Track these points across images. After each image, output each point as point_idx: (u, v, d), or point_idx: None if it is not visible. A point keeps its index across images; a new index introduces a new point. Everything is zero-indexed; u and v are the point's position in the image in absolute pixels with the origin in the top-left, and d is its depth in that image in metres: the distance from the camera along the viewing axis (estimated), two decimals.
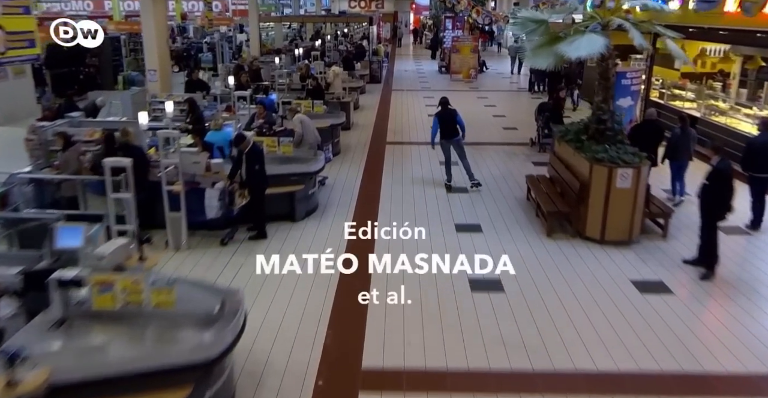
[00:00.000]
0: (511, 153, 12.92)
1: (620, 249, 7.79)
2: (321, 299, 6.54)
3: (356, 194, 10.00)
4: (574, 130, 8.91)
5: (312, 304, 6.44)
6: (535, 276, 7.06)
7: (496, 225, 8.65)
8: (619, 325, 6.02)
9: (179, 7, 35.92)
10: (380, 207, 9.34)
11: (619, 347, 5.65)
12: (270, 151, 8.95)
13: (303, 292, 6.67)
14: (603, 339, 5.77)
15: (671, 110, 14.25)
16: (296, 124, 9.71)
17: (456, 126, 10.21)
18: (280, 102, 12.58)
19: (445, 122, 10.20)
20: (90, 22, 10.76)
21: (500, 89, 22.78)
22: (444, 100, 10.44)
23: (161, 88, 12.92)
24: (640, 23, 8.28)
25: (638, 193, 7.75)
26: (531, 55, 8.27)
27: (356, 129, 15.26)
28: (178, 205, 7.52)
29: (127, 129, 8.14)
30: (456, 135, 10.26)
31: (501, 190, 10.35)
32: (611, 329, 5.95)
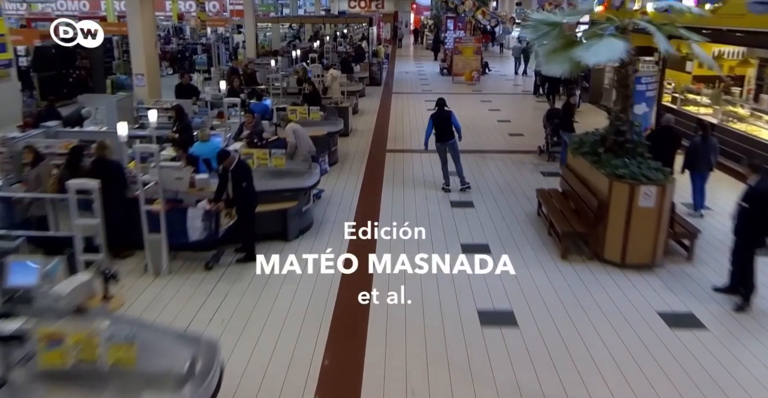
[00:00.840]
0: (518, 162, 12.24)
1: (643, 274, 7.11)
2: (312, 339, 5.83)
3: (354, 209, 9.32)
4: (589, 141, 8.23)
5: (302, 349, 5.72)
6: (552, 308, 6.38)
7: (505, 246, 7.97)
8: (648, 368, 5.33)
9: (176, 7, 35.21)
10: (379, 226, 8.63)
11: (650, 394, 4.98)
12: (261, 164, 8.29)
13: (293, 330, 5.97)
14: (632, 386, 5.09)
15: (685, 116, 13.57)
16: (289, 134, 9.04)
17: (452, 128, 9.94)
18: (274, 108, 11.90)
19: (440, 124, 9.95)
20: (90, 22, 10.52)
21: (504, 92, 22.11)
22: (440, 101, 10.21)
23: (149, 93, 12.25)
24: (661, 26, 7.59)
25: (663, 213, 7.07)
26: (545, 60, 7.59)
27: (355, 135, 14.58)
28: (158, 226, 6.85)
29: (104, 142, 7.46)
30: (452, 138, 9.97)
31: (509, 203, 9.67)
32: (640, 373, 5.26)
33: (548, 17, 7.95)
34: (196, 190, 7.43)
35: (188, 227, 6.88)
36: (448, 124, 9.98)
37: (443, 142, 10.03)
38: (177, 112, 9.81)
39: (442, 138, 10.04)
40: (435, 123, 10.04)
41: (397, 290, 6.68)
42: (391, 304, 6.39)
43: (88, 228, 5.80)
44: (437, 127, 10.02)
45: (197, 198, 7.28)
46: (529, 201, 9.65)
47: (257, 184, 7.50)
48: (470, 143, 13.72)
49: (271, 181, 8.03)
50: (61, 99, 18.56)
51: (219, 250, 7.33)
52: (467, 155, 12.60)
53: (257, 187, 7.44)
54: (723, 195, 10.13)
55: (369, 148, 13.40)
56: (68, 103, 18.99)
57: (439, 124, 10.02)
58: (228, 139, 9.33)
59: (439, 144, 10.07)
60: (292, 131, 9.02)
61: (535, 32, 7.87)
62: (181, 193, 7.33)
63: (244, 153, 8.20)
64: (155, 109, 9.44)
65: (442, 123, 10.00)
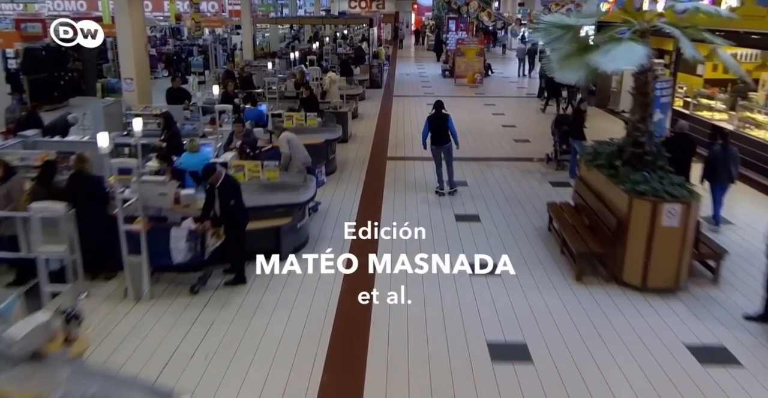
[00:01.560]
0: (525, 170, 11.67)
1: (666, 299, 6.54)
2: (306, 375, 5.26)
3: (353, 223, 8.75)
4: (605, 153, 7.67)
5: (294, 386, 5.15)
6: (568, 338, 5.81)
7: (514, 264, 7.35)
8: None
9: (173, 7, 34.65)
10: (380, 241, 8.07)
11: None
12: (253, 177, 7.73)
13: (284, 364, 5.40)
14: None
15: (698, 121, 13.01)
16: (283, 144, 8.48)
17: (448, 132, 9.78)
18: (269, 114, 11.35)
19: (436, 127, 9.80)
20: (90, 22, 10.36)
21: (508, 95, 21.53)
22: (438, 104, 10.00)
23: (139, 98, 11.69)
24: (683, 29, 7.03)
25: (688, 232, 6.51)
26: (558, 66, 7.01)
27: (354, 141, 14.02)
28: (138, 247, 6.29)
29: (83, 155, 6.91)
30: (447, 141, 9.84)
31: (517, 217, 9.10)
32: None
33: (561, 20, 7.39)
34: (182, 206, 6.87)
35: (171, 248, 6.32)
36: (445, 128, 9.79)
37: (438, 145, 9.86)
38: (165, 120, 9.25)
39: (437, 141, 9.86)
40: (431, 125, 9.85)
41: (398, 317, 6.17)
42: (392, 336, 5.87)
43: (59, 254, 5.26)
44: (433, 130, 9.84)
45: (183, 215, 6.72)
46: (539, 215, 9.09)
47: (248, 199, 6.95)
48: (474, 150, 13.20)
49: (263, 196, 7.48)
50: (52, 102, 18.14)
51: (206, 272, 6.77)
52: (471, 163, 12.12)
53: (248, 202, 6.89)
54: (744, 207, 9.60)
55: (369, 155, 12.84)
56: (60, 106, 18.49)
57: (435, 126, 9.82)
58: (218, 149, 8.77)
59: (435, 147, 9.91)
60: (286, 141, 8.46)
61: (547, 36, 7.31)
62: (165, 210, 6.78)
63: (234, 165, 7.66)
64: (140, 117, 8.88)
65: (438, 126, 9.80)
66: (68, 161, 7.40)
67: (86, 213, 6.60)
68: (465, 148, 13.28)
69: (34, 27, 17.45)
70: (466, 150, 13.17)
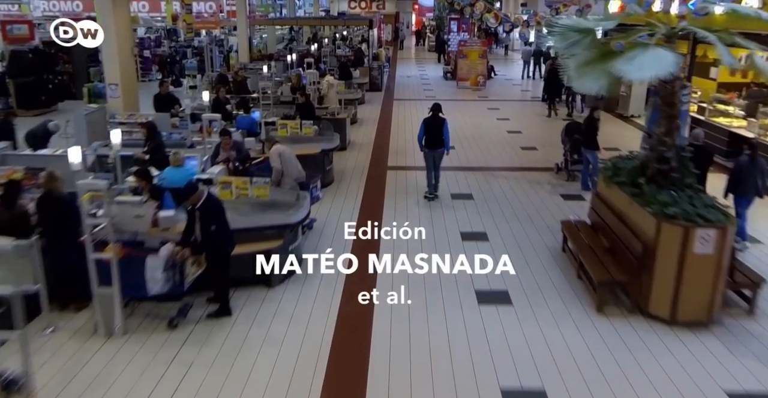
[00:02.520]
0: (533, 181, 11.00)
1: (698, 334, 5.88)
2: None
3: (350, 243, 8.07)
4: (626, 168, 7.01)
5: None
6: (591, 381, 5.15)
7: (528, 293, 6.73)
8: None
9: (170, 8, 33.98)
10: (378, 266, 7.39)
11: None
12: (240, 195, 7.06)
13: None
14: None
15: (715, 128, 12.35)
16: (274, 158, 7.81)
17: (442, 137, 9.58)
18: (262, 122, 10.68)
19: (431, 130, 9.58)
20: (90, 22, 10.03)
21: (512, 98, 20.86)
22: (436, 107, 9.76)
23: (124, 105, 11.01)
24: (714, 32, 6.36)
25: (722, 260, 5.85)
26: (576, 74, 6.34)
27: (353, 149, 13.35)
28: (109, 278, 5.63)
29: (53, 173, 6.23)
30: (441, 146, 9.65)
31: (527, 234, 8.44)
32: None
33: (578, 23, 6.73)
34: (160, 230, 6.21)
35: (147, 279, 5.66)
36: (440, 132, 9.55)
37: (432, 149, 9.64)
38: (148, 130, 8.58)
39: (431, 145, 9.64)
40: (427, 129, 9.60)
41: (400, 352, 5.53)
42: (393, 371, 5.22)
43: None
44: (428, 134, 9.61)
45: (161, 240, 6.06)
46: (551, 233, 8.43)
47: (234, 220, 6.29)
48: (478, 158, 12.56)
49: (251, 217, 6.82)
50: (39, 107, 17.48)
51: (186, 303, 6.11)
52: (476, 172, 11.48)
53: (234, 223, 6.22)
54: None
55: (368, 164, 12.16)
56: (48, 111, 17.84)
57: (430, 130, 9.59)
58: (205, 162, 8.11)
59: (428, 150, 9.69)
60: (277, 154, 7.79)
61: (563, 41, 6.64)
62: (142, 234, 6.12)
63: (220, 181, 6.99)
64: (125, 124, 8.25)
65: (433, 130, 9.57)
66: (37, 178, 6.75)
67: (56, 238, 5.98)
68: (469, 156, 12.67)
69: (20, 29, 16.85)
70: (470, 158, 12.55)
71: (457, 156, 12.68)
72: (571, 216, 8.64)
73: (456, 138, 14.12)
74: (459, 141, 13.92)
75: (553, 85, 17.18)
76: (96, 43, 9.98)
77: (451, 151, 12.74)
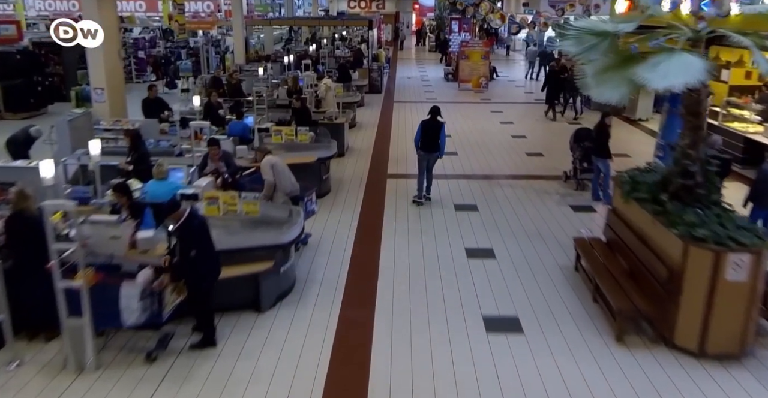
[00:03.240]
0: (540, 190, 10.46)
1: (729, 368, 5.35)
2: None
3: (347, 261, 7.55)
4: (646, 183, 6.47)
5: None
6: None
7: (540, 319, 6.19)
8: None
9: (167, 7, 33.44)
10: (379, 287, 6.88)
11: None
12: (228, 211, 6.52)
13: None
14: None
15: (729, 134, 11.80)
16: (266, 170, 7.26)
17: (438, 140, 9.37)
18: (255, 128, 10.13)
19: (428, 133, 9.37)
20: (90, 22, 9.82)
21: (515, 101, 20.32)
22: (434, 110, 9.57)
23: (111, 110, 10.48)
24: (747, 36, 5.81)
25: (756, 287, 5.31)
26: (594, 82, 5.81)
27: (351, 155, 12.81)
28: (79, 308, 5.08)
29: (24, 192, 5.66)
30: (437, 150, 9.44)
31: (537, 251, 7.90)
32: None
33: (595, 25, 6.18)
34: (138, 252, 5.68)
35: (121, 308, 5.12)
36: (436, 136, 9.34)
37: (427, 152, 9.44)
38: (132, 138, 8.04)
39: (427, 148, 9.43)
40: (424, 131, 9.40)
41: (402, 391, 5.00)
42: None
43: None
44: (424, 136, 9.39)
45: (140, 263, 5.53)
46: (562, 249, 7.90)
47: (221, 240, 5.75)
48: (482, 165, 12.03)
49: (239, 236, 6.29)
50: (28, 110, 16.92)
51: (167, 332, 5.55)
52: (480, 181, 10.96)
53: (220, 243, 5.68)
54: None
55: (367, 171, 11.62)
56: (37, 114, 17.27)
57: (427, 133, 9.38)
58: (192, 173, 7.56)
59: (423, 153, 9.48)
60: (269, 166, 7.24)
61: (579, 45, 6.10)
62: (118, 257, 5.58)
63: (206, 197, 6.45)
64: (105, 135, 7.71)
65: (430, 133, 9.36)
66: (7, 193, 6.20)
67: (26, 262, 5.44)
68: (472, 164, 12.14)
69: (8, 29, 16.29)
70: (473, 166, 12.02)
71: (461, 163, 12.16)
72: (582, 231, 8.14)
73: (459, 143, 13.63)
74: (462, 147, 13.40)
75: (552, 87, 16.79)
76: (96, 43, 9.68)
77: (454, 158, 12.36)
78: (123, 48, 24.40)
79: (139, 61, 24.21)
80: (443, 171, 11.43)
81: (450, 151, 12.71)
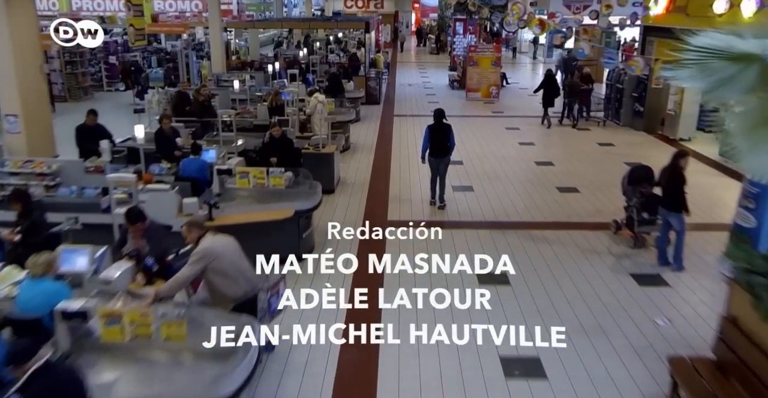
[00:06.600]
0: (586, 247, 8.09)
1: None
2: None
3: (330, 384, 5.17)
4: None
5: None
6: None
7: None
8: None
9: (149, 7, 30.99)
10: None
11: None
12: (139, 335, 4.11)
13: None
14: None
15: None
16: (196, 263, 4.74)
17: (448, 143, 9.25)
18: (215, 169, 7.70)
19: (436, 137, 9.20)
20: (90, 22, 9.30)
21: (531, 114, 17.77)
22: (439, 113, 9.31)
23: (29, 144, 8.08)
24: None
25: None
26: (746, 141, 3.40)
27: (343, 191, 10.42)
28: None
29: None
30: (447, 154, 9.32)
31: (605, 364, 5.50)
32: None
33: (729, 43, 3.74)
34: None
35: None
36: (445, 139, 9.21)
37: (437, 157, 9.29)
38: (20, 201, 5.62)
39: (436, 153, 9.27)
40: (432, 136, 9.20)
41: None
42: None
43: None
44: (432, 141, 9.22)
45: None
46: (638, 356, 5.54)
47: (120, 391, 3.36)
48: (507, 208, 9.70)
49: (154, 386, 3.88)
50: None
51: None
52: (507, 232, 8.62)
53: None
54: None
55: (362, 217, 9.23)
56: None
57: (435, 137, 9.19)
58: (98, 259, 5.10)
59: (432, 158, 9.34)
60: (206, 254, 4.76)
61: (704, 76, 3.69)
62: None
63: (101, 315, 4.04)
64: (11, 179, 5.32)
65: (438, 136, 9.17)
66: None
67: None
68: (492, 203, 9.78)
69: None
70: (494, 206, 9.66)
71: (478, 202, 9.82)
72: (659, 322, 5.84)
73: (474, 175, 11.29)
74: (478, 179, 11.05)
75: (548, 92, 15.28)
76: (96, 42, 9.20)
77: (470, 196, 10.12)
78: (93, 51, 22.16)
79: (110, 68, 21.82)
80: (458, 216, 9.13)
81: (465, 185, 10.46)
